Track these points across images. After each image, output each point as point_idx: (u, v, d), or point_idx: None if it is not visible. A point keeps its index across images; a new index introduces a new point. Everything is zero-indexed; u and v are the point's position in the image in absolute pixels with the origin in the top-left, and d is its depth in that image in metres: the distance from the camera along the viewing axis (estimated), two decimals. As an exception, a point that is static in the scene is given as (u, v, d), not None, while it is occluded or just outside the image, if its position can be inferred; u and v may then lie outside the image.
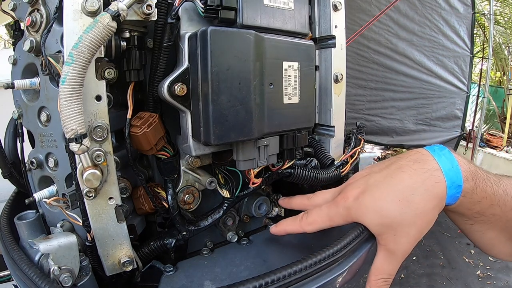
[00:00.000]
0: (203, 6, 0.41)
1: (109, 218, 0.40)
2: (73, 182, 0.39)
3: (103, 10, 0.35)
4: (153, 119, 0.43)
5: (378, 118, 3.07)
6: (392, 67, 2.97)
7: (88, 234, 0.41)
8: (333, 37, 0.56)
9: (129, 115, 0.42)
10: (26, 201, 0.43)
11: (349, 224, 0.45)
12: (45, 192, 0.43)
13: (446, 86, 3.25)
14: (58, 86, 0.33)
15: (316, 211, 0.47)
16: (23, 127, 0.49)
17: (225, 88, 0.40)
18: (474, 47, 3.46)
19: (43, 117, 0.43)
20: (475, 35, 3.58)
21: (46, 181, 0.47)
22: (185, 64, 0.42)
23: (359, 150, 0.63)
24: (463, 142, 3.72)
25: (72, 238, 0.39)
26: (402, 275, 1.97)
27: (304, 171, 0.53)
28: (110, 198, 0.40)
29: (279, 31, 0.45)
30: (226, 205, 0.50)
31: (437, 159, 0.42)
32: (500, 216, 0.44)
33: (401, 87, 3.06)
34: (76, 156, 0.37)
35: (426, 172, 0.42)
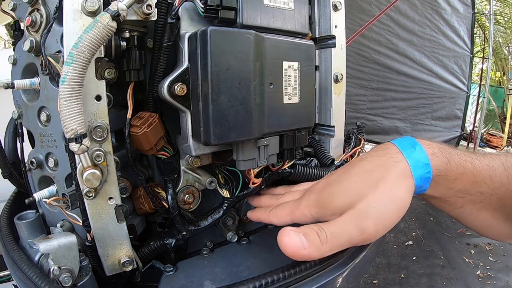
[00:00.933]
0: (203, 6, 0.41)
1: (109, 218, 0.40)
2: (73, 182, 0.39)
3: (103, 10, 0.35)
4: (153, 119, 0.43)
5: (379, 117, 3.08)
6: (393, 67, 2.97)
7: (88, 234, 0.41)
8: (333, 37, 0.56)
9: (129, 115, 0.42)
10: (26, 201, 0.43)
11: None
12: (45, 192, 0.43)
13: (446, 86, 3.25)
14: (58, 86, 0.33)
15: (282, 205, 0.47)
16: (23, 127, 0.49)
17: (225, 88, 0.40)
18: (474, 47, 3.46)
19: (43, 117, 0.43)
20: (475, 35, 3.58)
21: (46, 181, 0.47)
22: (185, 64, 0.42)
23: (359, 150, 0.63)
24: (463, 142, 3.72)
25: (72, 238, 0.39)
26: (402, 275, 1.97)
27: (305, 169, 0.53)
28: (110, 198, 0.40)
29: (279, 31, 0.45)
30: (226, 205, 0.50)
31: (397, 145, 0.42)
32: (490, 193, 0.41)
33: (402, 87, 3.06)
34: (76, 156, 0.37)
35: (385, 155, 0.41)
